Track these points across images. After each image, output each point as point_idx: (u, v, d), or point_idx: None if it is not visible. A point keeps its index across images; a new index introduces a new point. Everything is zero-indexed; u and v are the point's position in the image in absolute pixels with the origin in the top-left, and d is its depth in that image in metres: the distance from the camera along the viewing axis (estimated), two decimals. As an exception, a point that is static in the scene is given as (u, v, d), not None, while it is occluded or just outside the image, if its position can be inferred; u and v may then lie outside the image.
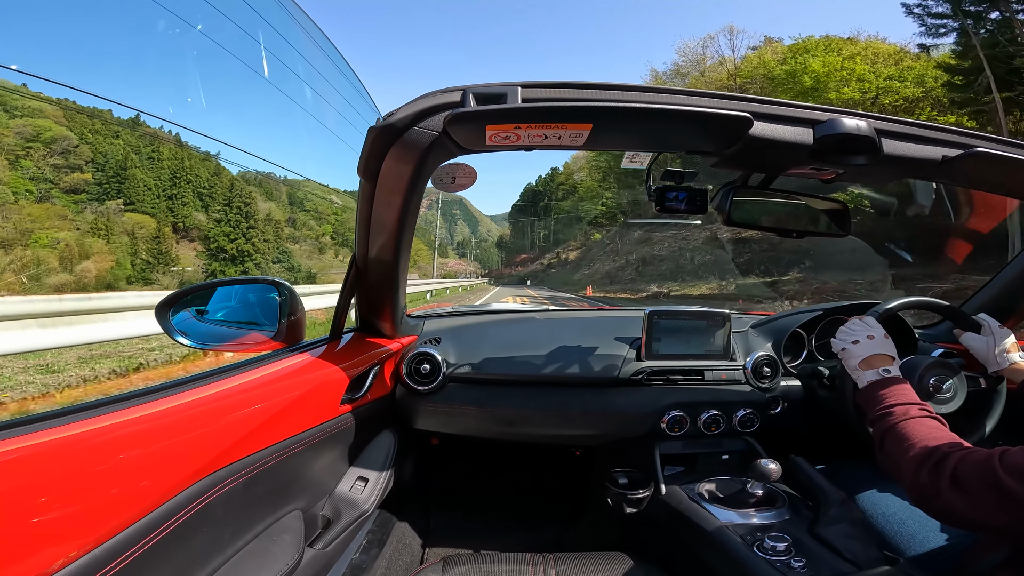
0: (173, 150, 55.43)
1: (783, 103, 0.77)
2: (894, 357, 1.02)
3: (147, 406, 0.63)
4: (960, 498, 0.72)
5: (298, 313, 1.03)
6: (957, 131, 0.83)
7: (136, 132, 54.28)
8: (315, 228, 74.79)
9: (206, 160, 57.95)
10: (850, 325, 1.10)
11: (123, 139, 52.98)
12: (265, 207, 61.20)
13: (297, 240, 67.45)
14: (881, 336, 1.05)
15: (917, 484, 0.78)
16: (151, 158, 53.72)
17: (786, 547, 0.96)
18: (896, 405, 0.90)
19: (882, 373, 0.98)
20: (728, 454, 1.38)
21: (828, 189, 1.03)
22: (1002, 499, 0.67)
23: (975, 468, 0.71)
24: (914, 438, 0.83)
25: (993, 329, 1.15)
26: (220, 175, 56.77)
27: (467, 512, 1.79)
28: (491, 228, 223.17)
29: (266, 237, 53.84)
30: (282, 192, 73.74)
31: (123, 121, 54.25)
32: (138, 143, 53.76)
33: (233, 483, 0.71)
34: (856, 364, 1.03)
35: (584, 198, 65.54)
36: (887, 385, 0.95)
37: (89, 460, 0.53)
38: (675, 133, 0.78)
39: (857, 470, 1.29)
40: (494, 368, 1.34)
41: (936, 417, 0.88)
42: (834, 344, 1.10)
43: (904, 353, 1.20)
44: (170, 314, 0.93)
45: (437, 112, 0.71)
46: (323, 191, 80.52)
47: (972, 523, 0.73)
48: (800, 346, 1.51)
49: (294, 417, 0.87)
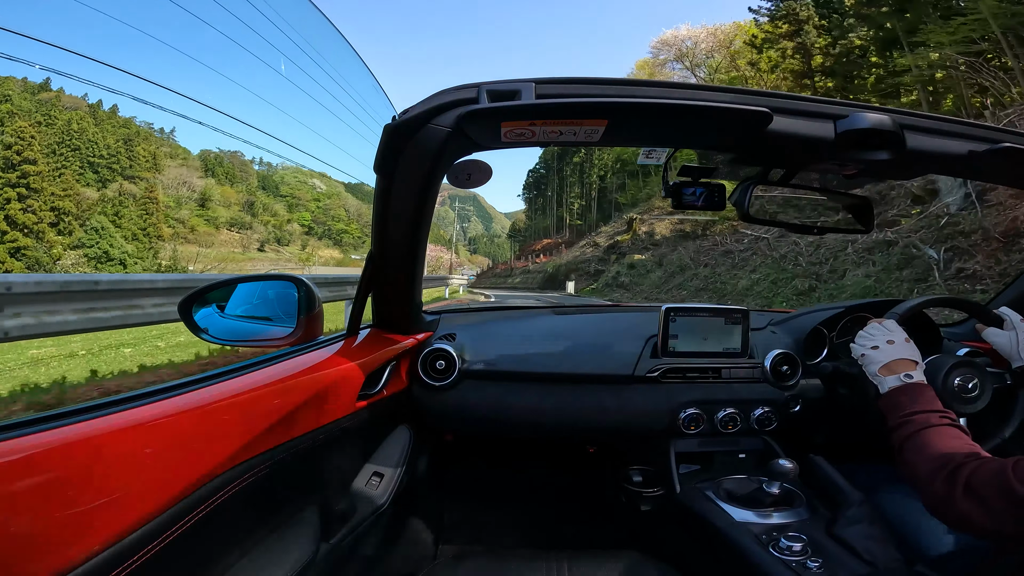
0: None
1: (803, 98, 0.76)
2: (916, 361, 0.99)
3: (165, 403, 0.64)
4: (974, 507, 0.72)
5: (316, 309, 1.04)
6: (985, 126, 0.81)
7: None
8: (280, 215, 70.17)
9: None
10: (869, 329, 1.07)
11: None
12: (198, 183, 57.93)
13: (244, 226, 62.12)
14: (902, 340, 1.02)
15: (932, 493, 0.79)
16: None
17: (802, 547, 0.95)
18: (917, 413, 0.89)
19: (903, 379, 0.95)
20: (745, 453, 1.36)
21: (849, 185, 1.01)
22: (1016, 508, 0.67)
23: (989, 478, 0.72)
24: (931, 447, 0.82)
25: (1015, 323, 1.12)
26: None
27: (481, 508, 1.80)
28: (505, 224, 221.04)
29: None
30: (251, 174, 70.51)
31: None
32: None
33: (251, 479, 0.72)
34: (876, 370, 1.00)
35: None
36: (908, 392, 0.93)
37: (106, 458, 0.54)
38: (693, 129, 0.77)
39: (877, 471, 1.27)
40: (509, 364, 1.34)
41: (957, 425, 0.87)
42: (854, 349, 1.08)
43: (929, 352, 1.17)
44: (193, 310, 0.96)
45: (452, 109, 0.71)
46: (303, 175, 75.87)
47: (987, 532, 0.73)
48: (821, 344, 1.48)
49: (311, 413, 0.88)
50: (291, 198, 74.40)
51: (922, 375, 0.97)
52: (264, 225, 67.38)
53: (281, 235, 68.69)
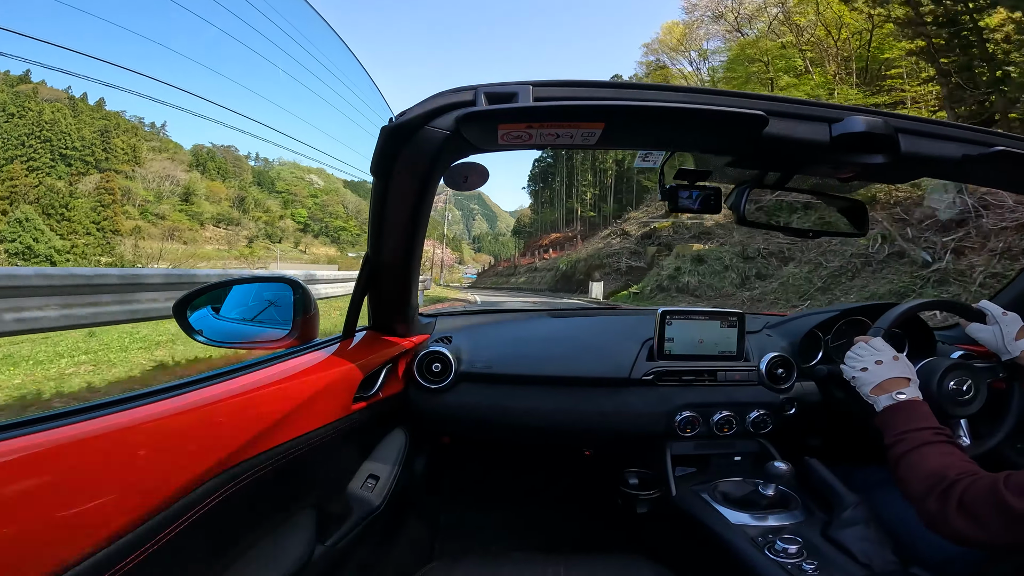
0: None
1: (799, 101, 0.76)
2: (908, 377, 1.00)
3: (160, 404, 0.64)
4: (968, 524, 0.74)
5: (312, 311, 1.04)
6: (979, 129, 0.82)
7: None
8: (273, 211, 67.71)
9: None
10: (856, 350, 1.07)
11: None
12: (183, 177, 55.53)
13: (232, 222, 59.44)
14: (889, 358, 1.02)
15: (926, 511, 0.81)
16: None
17: (798, 549, 0.95)
18: (910, 431, 0.90)
19: (895, 397, 0.96)
20: (741, 456, 1.37)
21: (845, 188, 1.01)
22: (1010, 520, 0.69)
23: (982, 494, 0.73)
24: (924, 465, 0.84)
25: (997, 317, 1.12)
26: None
27: (477, 511, 1.80)
28: (509, 223, 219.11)
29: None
30: (245, 169, 68.65)
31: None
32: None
33: (246, 480, 0.72)
34: (868, 391, 1.01)
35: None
36: (901, 410, 0.94)
37: (101, 458, 0.54)
38: (689, 132, 0.77)
39: (873, 474, 1.27)
40: (506, 367, 1.34)
41: (951, 441, 0.88)
42: (844, 371, 1.08)
43: (924, 356, 1.17)
44: (188, 312, 0.95)
45: (449, 111, 0.71)
46: (300, 170, 73.95)
47: (983, 545, 0.75)
48: (816, 347, 1.49)
49: (307, 415, 0.88)
50: (287, 194, 72.59)
51: (915, 391, 0.98)
52: (255, 221, 65.55)
53: (272, 231, 67.06)
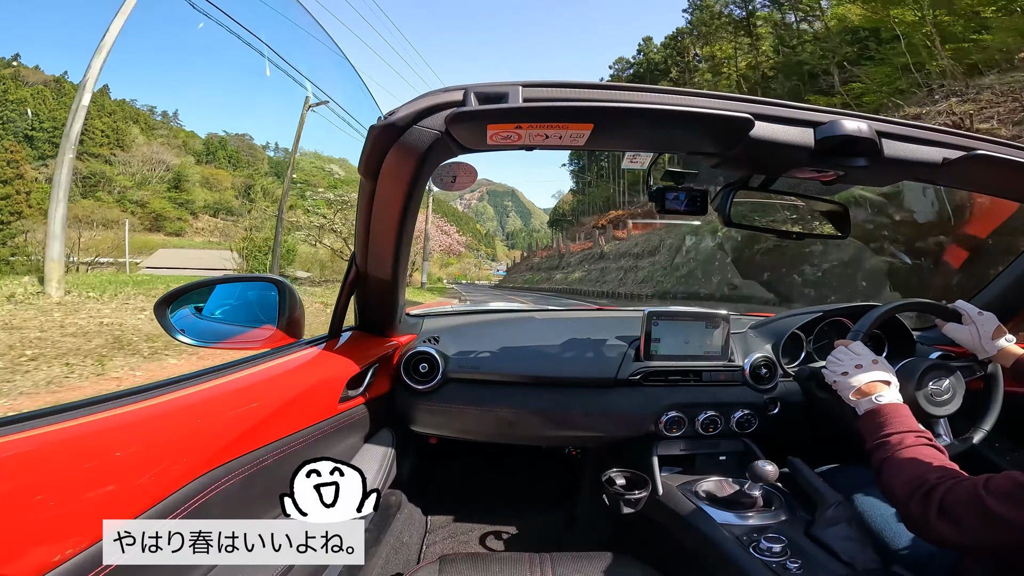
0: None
1: (785, 104, 0.77)
2: (888, 381, 1.01)
3: (145, 403, 0.63)
4: (949, 526, 0.74)
5: (297, 311, 1.03)
6: (958, 133, 0.83)
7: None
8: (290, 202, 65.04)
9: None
10: (836, 354, 1.09)
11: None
12: (175, 162, 52.43)
13: (231, 211, 56.36)
14: (869, 362, 1.03)
15: (908, 515, 0.82)
16: None
17: (782, 548, 0.96)
18: (891, 434, 0.91)
19: (876, 401, 0.97)
20: (726, 455, 1.38)
21: (828, 191, 1.03)
22: (989, 523, 0.70)
23: (961, 497, 0.74)
24: (905, 468, 0.85)
25: (972, 316, 1.14)
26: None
27: (464, 512, 1.79)
28: (543, 220, 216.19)
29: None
30: (260, 158, 66.18)
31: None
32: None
33: (231, 481, 0.71)
34: (849, 395, 1.02)
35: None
36: (881, 414, 0.95)
37: (86, 457, 0.53)
38: (676, 134, 0.78)
39: (855, 473, 1.29)
40: (493, 368, 1.33)
41: (932, 444, 0.89)
42: (826, 376, 1.10)
43: (903, 357, 1.19)
44: (169, 311, 0.93)
45: (438, 111, 0.71)
46: (321, 160, 71.17)
47: (963, 547, 0.77)
48: (799, 348, 1.51)
49: (292, 415, 0.87)
50: (304, 185, 70.03)
51: (895, 393, 0.99)
52: (263, 212, 63.48)
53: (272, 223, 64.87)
